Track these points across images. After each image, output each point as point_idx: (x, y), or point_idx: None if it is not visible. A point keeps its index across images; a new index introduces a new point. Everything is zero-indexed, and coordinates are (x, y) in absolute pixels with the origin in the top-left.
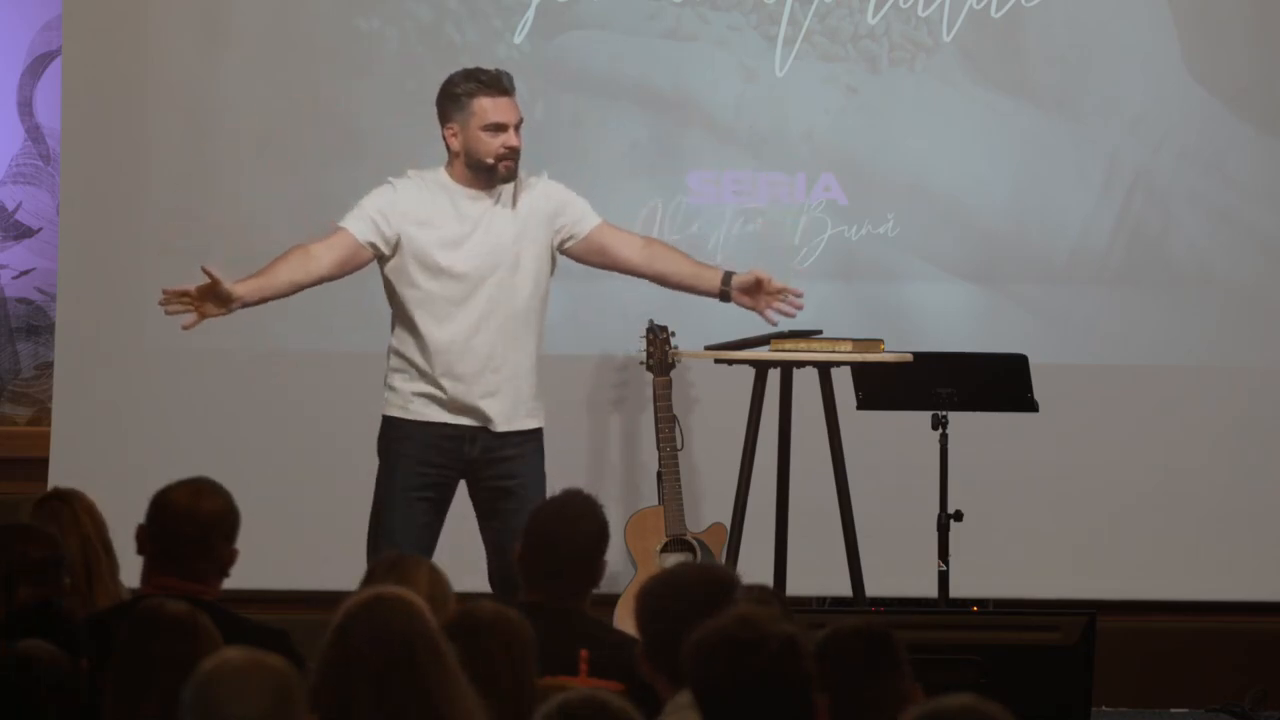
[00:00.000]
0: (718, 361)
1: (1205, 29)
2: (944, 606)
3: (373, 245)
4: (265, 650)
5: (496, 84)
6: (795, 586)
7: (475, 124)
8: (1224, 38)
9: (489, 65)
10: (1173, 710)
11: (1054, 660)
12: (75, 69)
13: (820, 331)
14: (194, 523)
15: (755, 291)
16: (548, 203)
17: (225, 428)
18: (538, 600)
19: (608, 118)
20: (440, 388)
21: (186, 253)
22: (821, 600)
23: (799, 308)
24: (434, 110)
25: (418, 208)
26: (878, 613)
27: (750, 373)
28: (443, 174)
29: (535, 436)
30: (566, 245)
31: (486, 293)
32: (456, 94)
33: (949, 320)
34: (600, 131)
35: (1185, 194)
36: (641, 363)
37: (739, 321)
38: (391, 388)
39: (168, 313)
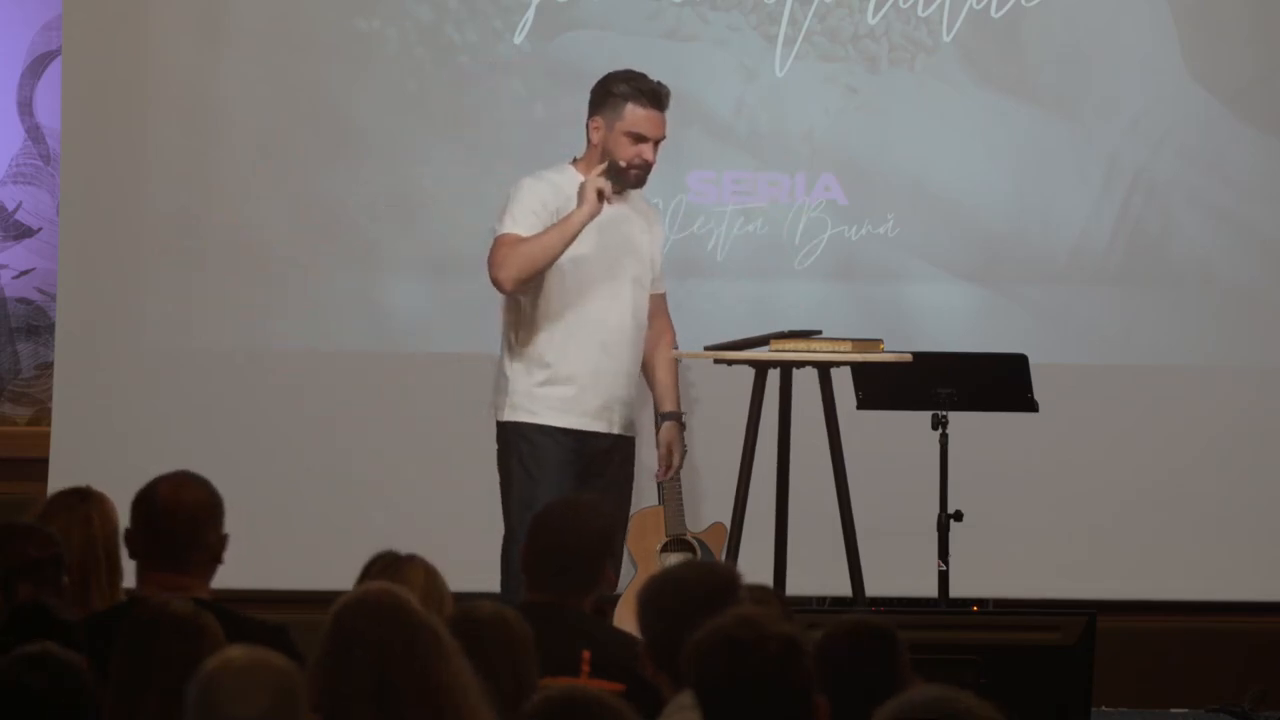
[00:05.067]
0: (717, 361)
1: (1205, 29)
2: (944, 606)
3: None
4: (265, 647)
5: (653, 96)
6: (795, 586)
7: (621, 127)
8: (1224, 38)
9: (492, 65)
10: (1173, 710)
11: (1054, 660)
12: (75, 69)
13: (820, 331)
14: (180, 515)
15: (661, 458)
16: (656, 236)
17: (225, 428)
18: (538, 600)
19: None
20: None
21: (186, 253)
22: (821, 600)
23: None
24: (433, 110)
25: (554, 196)
26: (877, 612)
27: (750, 373)
28: (573, 171)
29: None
30: None
31: (616, 295)
32: (613, 92)
33: (949, 320)
34: None
35: (1185, 194)
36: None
37: (739, 321)
38: (516, 391)
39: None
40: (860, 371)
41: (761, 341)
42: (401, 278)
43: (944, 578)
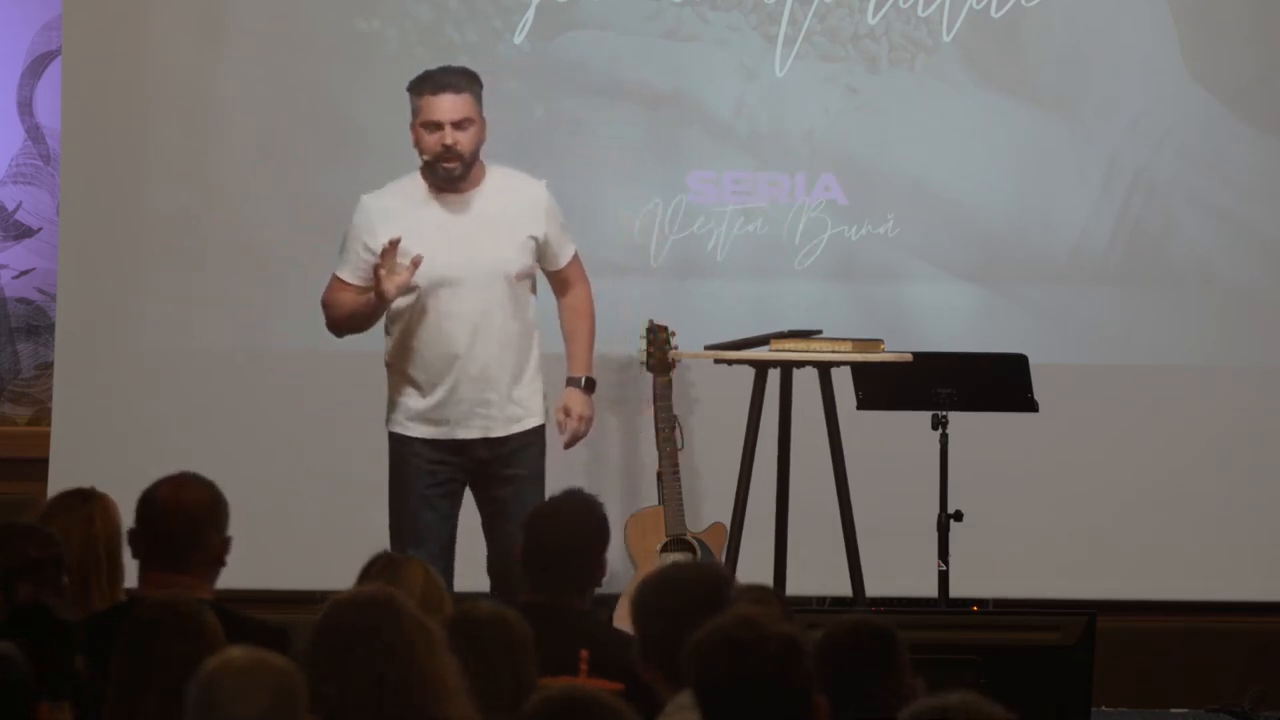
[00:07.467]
0: (718, 361)
1: (1205, 29)
2: (944, 606)
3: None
4: (265, 647)
5: (434, 83)
6: (795, 586)
7: (417, 121)
8: (1224, 38)
9: (489, 65)
10: (1173, 710)
11: (1054, 660)
12: (75, 69)
13: (820, 331)
14: (179, 516)
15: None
16: (531, 215)
17: (224, 428)
18: (538, 600)
19: (608, 118)
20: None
21: (186, 253)
22: (821, 600)
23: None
24: None
25: (386, 220)
26: (877, 612)
27: (750, 373)
28: (418, 177)
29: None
30: (541, 266)
31: (466, 297)
32: (409, 93)
33: (949, 320)
34: (600, 132)
35: (1185, 194)
36: (641, 363)
37: (739, 321)
38: (392, 403)
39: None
40: (860, 371)
41: (761, 341)
42: None
43: (944, 578)
